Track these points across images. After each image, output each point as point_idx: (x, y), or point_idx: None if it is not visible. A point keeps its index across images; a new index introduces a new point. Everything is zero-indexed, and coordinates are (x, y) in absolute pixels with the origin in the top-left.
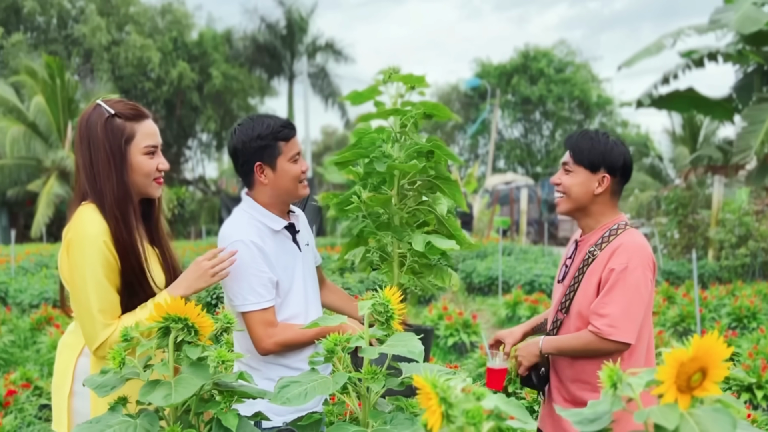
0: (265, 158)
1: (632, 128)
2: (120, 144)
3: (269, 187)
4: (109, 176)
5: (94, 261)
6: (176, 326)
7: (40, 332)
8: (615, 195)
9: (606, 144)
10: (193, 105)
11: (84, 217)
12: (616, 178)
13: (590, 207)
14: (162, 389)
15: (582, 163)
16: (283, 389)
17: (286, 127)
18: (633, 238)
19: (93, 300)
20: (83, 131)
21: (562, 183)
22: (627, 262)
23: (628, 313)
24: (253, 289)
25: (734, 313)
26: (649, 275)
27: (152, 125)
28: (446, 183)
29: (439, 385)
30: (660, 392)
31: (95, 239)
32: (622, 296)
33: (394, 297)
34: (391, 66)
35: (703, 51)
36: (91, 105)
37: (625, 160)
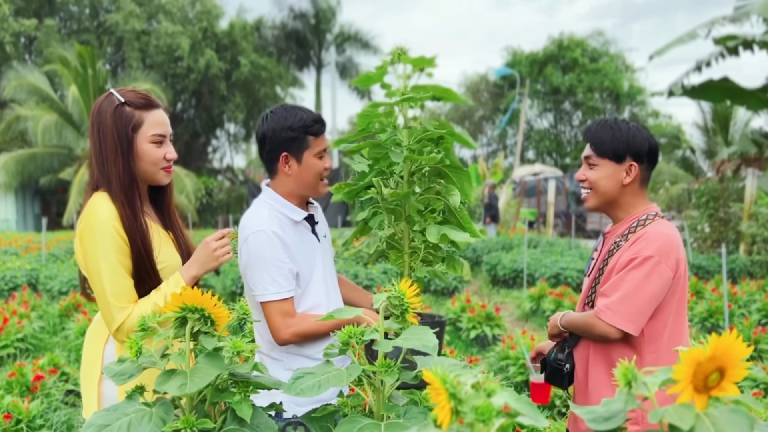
0: (292, 150)
1: (663, 119)
2: (127, 131)
3: (292, 178)
4: (115, 162)
5: (105, 246)
6: (193, 316)
7: (68, 319)
8: (644, 183)
9: (628, 131)
10: (221, 94)
11: (95, 204)
12: (643, 164)
13: (620, 199)
14: (177, 379)
15: (606, 155)
16: (297, 380)
17: (318, 122)
18: (659, 228)
19: (107, 284)
20: (94, 118)
21: (587, 178)
22: (642, 251)
23: (630, 300)
24: (273, 280)
25: (764, 309)
26: (665, 268)
27: (162, 115)
28: (455, 171)
29: (449, 380)
30: (676, 392)
31: (105, 224)
32: (629, 282)
33: (409, 290)
34: (398, 46)
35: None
36: (104, 94)
37: (650, 144)
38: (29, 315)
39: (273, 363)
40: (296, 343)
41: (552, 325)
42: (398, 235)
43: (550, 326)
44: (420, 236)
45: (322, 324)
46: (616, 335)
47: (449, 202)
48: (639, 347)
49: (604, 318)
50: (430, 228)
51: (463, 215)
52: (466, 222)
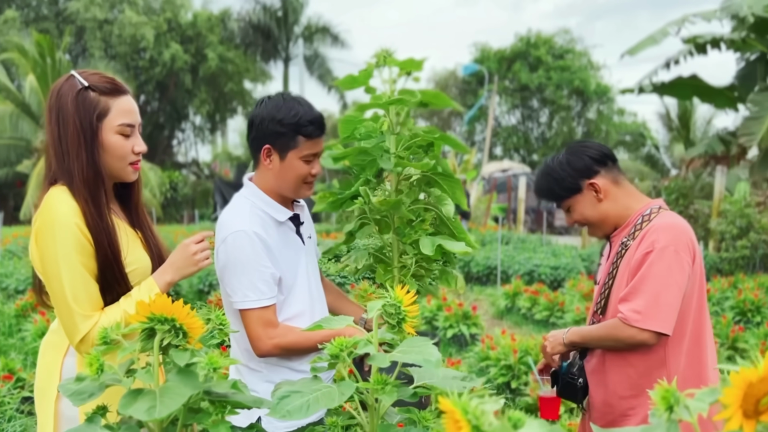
0: (276, 145)
1: (629, 116)
2: (91, 119)
3: (271, 174)
4: (78, 154)
5: (66, 246)
6: (162, 328)
7: (25, 319)
8: (617, 179)
9: (561, 164)
10: (187, 87)
11: (53, 199)
12: (599, 172)
13: (610, 212)
14: (145, 400)
15: (564, 198)
16: (282, 400)
17: (314, 124)
18: (667, 219)
19: (68, 289)
20: (53, 103)
21: (575, 221)
22: (656, 242)
23: (658, 299)
24: (254, 285)
25: (738, 306)
26: (684, 257)
27: (130, 102)
28: (446, 179)
29: (471, 409)
30: (724, 417)
31: (66, 222)
32: (652, 279)
33: (406, 297)
34: (384, 48)
35: (707, 37)
36: (64, 76)
37: (591, 155)
38: None
39: (251, 374)
40: (277, 355)
41: (555, 344)
42: (386, 248)
43: (551, 345)
44: (411, 249)
45: (309, 337)
46: (652, 340)
47: (442, 212)
48: (661, 352)
49: (638, 324)
50: (423, 239)
51: (457, 225)
52: (460, 232)
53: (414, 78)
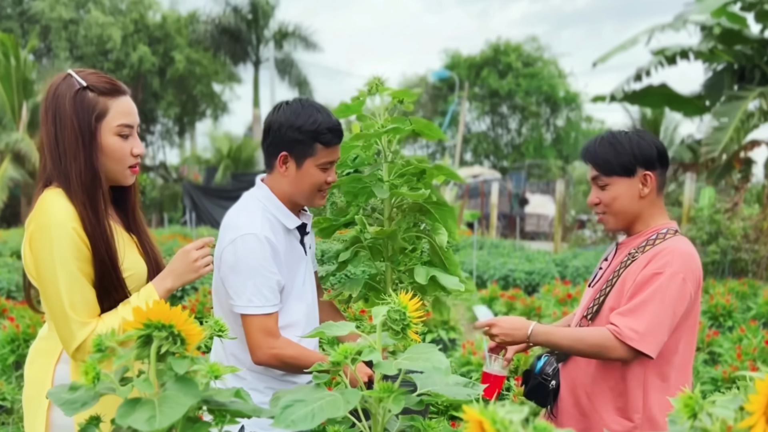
0: (294, 152)
1: (596, 123)
2: (90, 121)
3: (287, 181)
4: (76, 156)
5: (63, 250)
6: (159, 334)
7: None
8: (661, 190)
9: (630, 141)
10: (154, 90)
11: (48, 202)
12: (656, 170)
13: (640, 212)
14: (144, 410)
15: (615, 172)
16: (286, 409)
17: (332, 132)
18: (680, 244)
19: (65, 295)
20: (49, 104)
21: (601, 201)
22: (668, 265)
23: (658, 324)
24: (259, 291)
25: (710, 311)
26: (690, 287)
27: (129, 102)
28: (438, 207)
29: (500, 420)
30: (749, 424)
31: (63, 226)
32: (656, 303)
33: (411, 303)
34: (376, 77)
35: (676, 48)
36: (60, 75)
37: (658, 148)
38: None
39: (236, 381)
40: (273, 366)
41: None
42: (379, 276)
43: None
44: (406, 277)
45: (308, 356)
46: (632, 359)
47: (435, 241)
48: (645, 368)
49: (632, 344)
50: (418, 269)
51: (449, 257)
52: (452, 264)
53: (406, 106)
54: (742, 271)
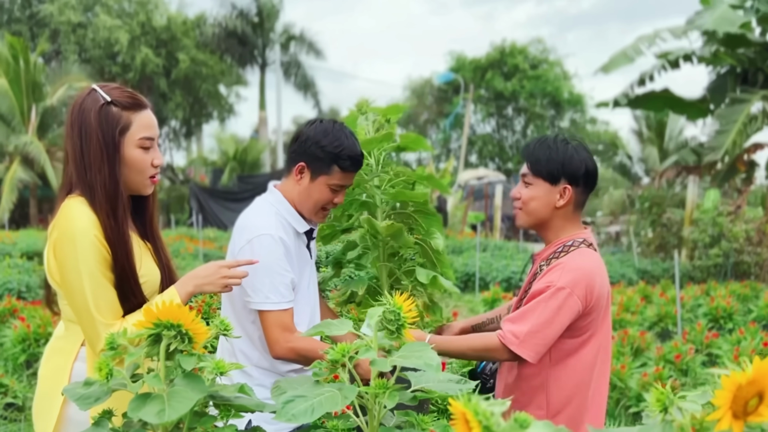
0: (311, 165)
1: (601, 125)
2: (114, 134)
3: (297, 190)
4: (100, 168)
5: (87, 256)
6: (168, 333)
7: (3, 325)
8: (578, 207)
9: (566, 152)
10: (161, 91)
11: (72, 211)
12: (578, 188)
13: (551, 221)
14: (154, 404)
15: (541, 175)
16: (287, 404)
17: (352, 160)
18: (577, 259)
19: (90, 298)
20: (75, 117)
21: (521, 196)
22: (556, 281)
23: (536, 332)
24: (275, 288)
25: (711, 313)
26: (576, 300)
27: (150, 116)
28: (425, 216)
29: (482, 411)
30: (715, 418)
31: (86, 233)
32: (537, 313)
33: (405, 304)
34: (364, 99)
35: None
36: (85, 90)
37: (587, 167)
38: None
39: (242, 377)
40: (291, 360)
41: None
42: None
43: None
44: (405, 277)
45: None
46: (510, 360)
47: (431, 245)
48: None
49: (511, 346)
50: (419, 270)
51: (443, 260)
52: (444, 267)
53: (391, 126)
54: (745, 273)
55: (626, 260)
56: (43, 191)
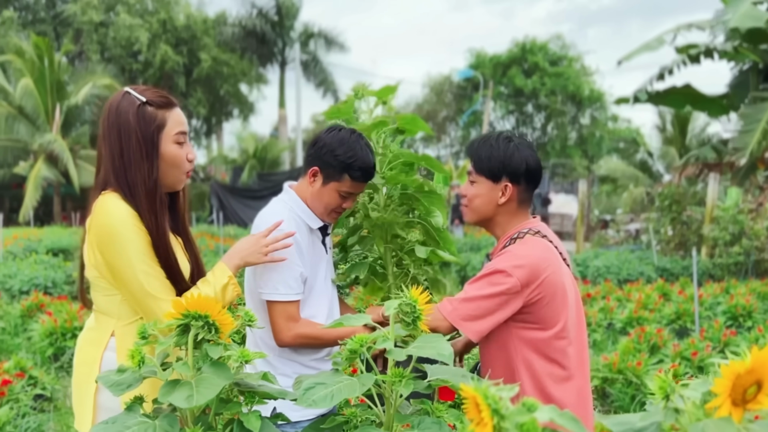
0: (324, 171)
1: (622, 123)
2: (152, 132)
3: (310, 192)
4: (140, 166)
5: (132, 243)
6: (196, 324)
7: (31, 319)
8: (523, 203)
9: (506, 150)
10: (181, 90)
11: (108, 204)
12: (520, 186)
13: (495, 218)
14: (183, 390)
15: (483, 173)
16: (308, 391)
17: (362, 171)
18: (519, 246)
19: (143, 281)
20: (113, 120)
21: (467, 196)
22: (496, 264)
23: (470, 300)
24: (284, 280)
25: (730, 311)
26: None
27: (181, 113)
28: (428, 195)
29: (491, 395)
30: (715, 405)
31: (126, 222)
32: (473, 287)
33: (421, 297)
34: (361, 84)
35: (700, 47)
36: (118, 93)
37: (528, 165)
38: None
39: (265, 366)
40: (296, 346)
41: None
42: (380, 260)
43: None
44: (408, 257)
45: (327, 332)
46: (446, 331)
47: (431, 223)
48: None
49: (443, 310)
50: (418, 247)
51: (445, 236)
52: (446, 242)
53: (388, 108)
54: (766, 271)
55: (645, 258)
56: (67, 189)
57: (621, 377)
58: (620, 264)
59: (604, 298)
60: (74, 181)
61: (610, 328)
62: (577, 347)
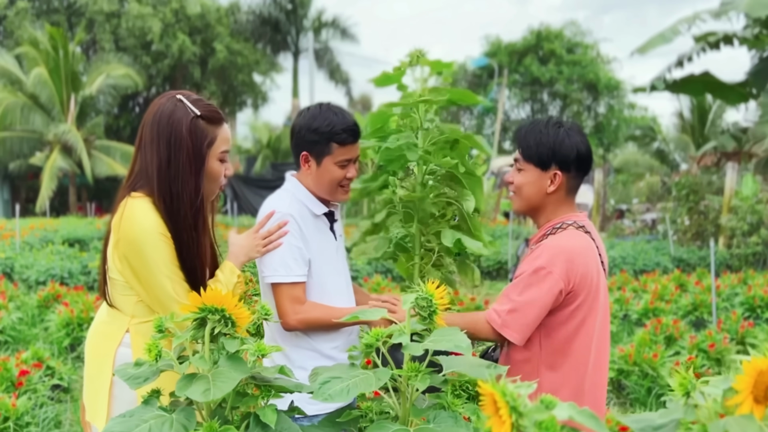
0: (312, 152)
1: (639, 111)
2: (203, 147)
3: (311, 177)
4: (188, 180)
5: (159, 253)
6: (213, 318)
7: (48, 310)
8: (571, 192)
9: (556, 136)
10: (195, 80)
11: (135, 212)
12: (570, 173)
13: (543, 206)
14: (200, 384)
15: (531, 160)
16: (324, 385)
17: (347, 132)
18: (558, 240)
19: (171, 290)
20: (164, 127)
21: (514, 183)
22: (537, 260)
23: (517, 310)
24: (283, 261)
25: (747, 302)
26: (556, 278)
27: (228, 130)
28: (468, 177)
29: (509, 392)
30: (736, 402)
31: (152, 232)
32: (518, 293)
33: (437, 291)
34: (417, 49)
35: (719, 34)
36: (168, 99)
37: (579, 152)
38: (7, 306)
39: (281, 359)
40: (303, 330)
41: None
42: (409, 238)
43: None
44: (434, 239)
45: (331, 313)
46: (496, 340)
47: (463, 208)
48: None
49: (493, 324)
50: (446, 232)
51: (476, 223)
52: (476, 230)
53: (445, 78)
54: None
55: (662, 248)
56: (82, 179)
57: (637, 369)
58: (636, 254)
59: (620, 288)
60: (87, 171)
61: (626, 319)
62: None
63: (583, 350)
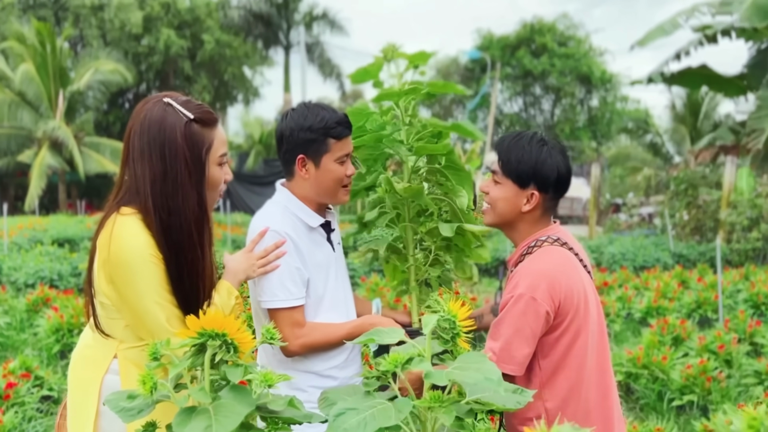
0: (310, 152)
1: (632, 103)
2: (201, 154)
3: (309, 183)
4: (189, 193)
5: (150, 278)
6: (213, 343)
7: (36, 314)
8: (547, 211)
9: (539, 155)
10: (186, 74)
11: (123, 231)
12: (547, 194)
13: (517, 224)
14: (201, 419)
15: (510, 176)
16: (338, 417)
17: (341, 125)
18: (537, 263)
19: (162, 316)
20: (155, 137)
21: (489, 193)
22: (515, 288)
23: (510, 345)
24: (282, 285)
25: (751, 299)
26: (539, 303)
27: (223, 130)
28: (455, 172)
29: None
30: None
31: (142, 254)
32: (506, 325)
33: (461, 311)
34: (391, 43)
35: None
36: (154, 103)
37: (559, 173)
38: None
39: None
40: (305, 354)
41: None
42: (401, 239)
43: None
44: (429, 237)
45: (333, 331)
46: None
47: (455, 203)
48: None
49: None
50: (442, 225)
51: (469, 217)
52: (471, 222)
53: (420, 72)
54: None
55: (661, 243)
56: (72, 176)
57: (646, 372)
58: (635, 250)
59: (621, 286)
60: (79, 168)
61: (629, 318)
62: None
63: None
